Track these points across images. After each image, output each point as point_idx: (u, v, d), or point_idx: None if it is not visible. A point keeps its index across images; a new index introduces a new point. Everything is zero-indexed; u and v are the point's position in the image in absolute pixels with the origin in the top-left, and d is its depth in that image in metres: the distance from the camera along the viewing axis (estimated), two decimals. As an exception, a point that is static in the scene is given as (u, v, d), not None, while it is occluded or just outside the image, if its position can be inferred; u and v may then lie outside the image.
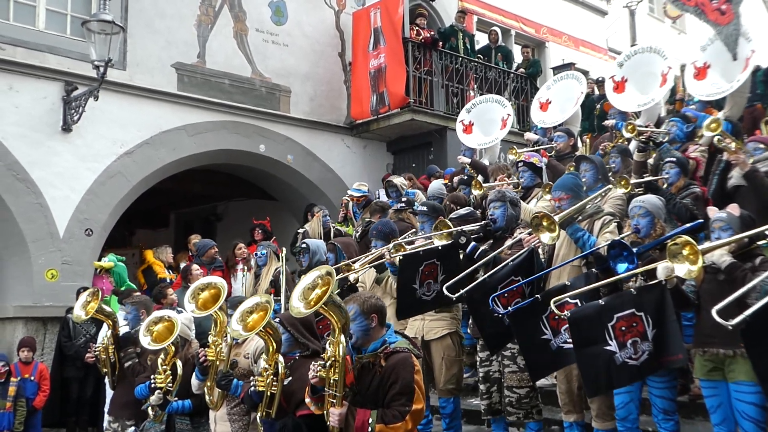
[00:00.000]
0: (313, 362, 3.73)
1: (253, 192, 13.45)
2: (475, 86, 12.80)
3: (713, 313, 3.49)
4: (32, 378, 8.15)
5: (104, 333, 6.53)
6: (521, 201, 5.87)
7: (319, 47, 12.27)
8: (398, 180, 9.21)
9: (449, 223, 5.25)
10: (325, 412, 3.70)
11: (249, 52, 11.37)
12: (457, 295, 4.81)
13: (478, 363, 5.66)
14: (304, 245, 7.57)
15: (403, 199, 8.23)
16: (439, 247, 5.19)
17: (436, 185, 8.85)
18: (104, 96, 9.25)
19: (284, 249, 7.02)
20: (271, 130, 11.49)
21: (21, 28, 9.26)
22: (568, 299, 4.17)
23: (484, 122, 9.67)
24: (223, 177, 12.76)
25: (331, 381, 3.63)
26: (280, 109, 11.65)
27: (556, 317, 4.25)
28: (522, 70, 13.68)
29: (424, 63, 12.12)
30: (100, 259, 9.44)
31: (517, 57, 14.46)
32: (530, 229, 4.80)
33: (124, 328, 6.25)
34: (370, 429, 3.54)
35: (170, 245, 10.59)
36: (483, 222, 5.44)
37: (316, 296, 3.70)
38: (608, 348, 3.89)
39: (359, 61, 12.27)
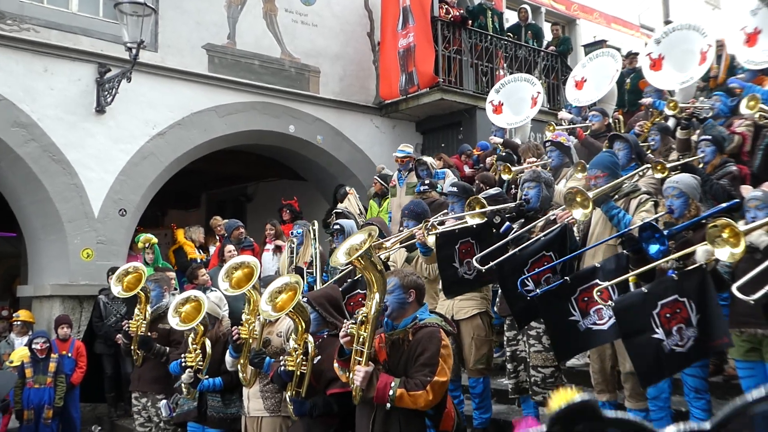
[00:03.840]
0: (345, 321, 3.79)
1: (282, 172, 13.52)
2: (505, 65, 12.66)
3: (733, 289, 3.45)
4: (69, 354, 8.33)
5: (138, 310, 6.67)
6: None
7: (348, 27, 12.24)
8: (428, 159, 9.19)
9: (483, 202, 5.22)
10: (350, 374, 3.74)
11: (278, 33, 11.38)
12: (486, 267, 4.81)
13: (505, 342, 5.67)
14: (337, 226, 7.61)
15: (426, 181, 8.20)
16: (474, 226, 5.18)
17: (449, 180, 8.61)
18: (137, 77, 9.33)
19: (316, 222, 7.08)
20: (301, 111, 11.52)
21: (55, 10, 9.36)
22: (599, 283, 4.14)
23: (513, 101, 9.58)
24: (253, 158, 12.84)
25: (361, 338, 3.68)
26: (310, 90, 11.66)
27: (585, 299, 4.22)
28: (552, 48, 13.50)
29: (454, 42, 12.02)
30: (133, 240, 9.61)
31: (548, 35, 14.26)
32: (564, 206, 4.76)
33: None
34: (391, 392, 3.59)
35: (201, 226, 10.73)
36: (516, 202, 5.41)
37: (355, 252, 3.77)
38: (656, 336, 3.83)
39: (388, 40, 12.21)
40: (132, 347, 6.26)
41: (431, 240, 5.38)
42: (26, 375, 7.87)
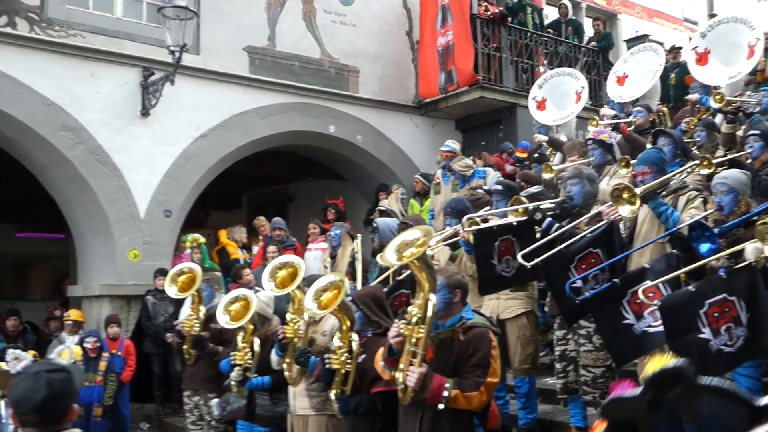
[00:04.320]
0: (395, 321, 3.79)
1: (323, 173, 13.59)
2: (545, 61, 12.55)
3: None
4: (119, 353, 8.51)
5: (188, 310, 6.77)
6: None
7: (387, 26, 12.26)
8: (464, 161, 9.13)
9: (524, 200, 5.19)
10: (397, 374, 3.73)
11: (317, 34, 11.46)
12: (532, 263, 4.77)
13: (554, 341, 5.61)
14: (375, 224, 7.64)
15: (472, 185, 8.21)
16: (514, 223, 5.15)
17: (493, 178, 8.55)
18: (180, 80, 9.49)
19: (359, 235, 7.09)
20: (341, 111, 11.57)
21: (100, 16, 9.57)
22: (650, 284, 4.07)
23: (557, 97, 9.45)
24: (294, 158, 12.93)
25: (414, 339, 3.67)
26: (349, 90, 11.71)
27: (638, 301, 4.15)
28: (593, 43, 13.34)
29: (493, 39, 11.96)
30: (178, 240, 9.77)
31: (588, 30, 14.10)
32: (610, 202, 4.70)
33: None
34: (446, 393, 3.59)
35: (244, 226, 10.85)
36: (559, 199, 5.37)
37: (411, 254, 3.73)
38: (702, 336, 3.75)
39: (427, 39, 12.20)
40: (185, 347, 6.35)
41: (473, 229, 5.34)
42: (77, 373, 8.05)
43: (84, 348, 8.19)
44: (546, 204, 5.29)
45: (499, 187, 5.97)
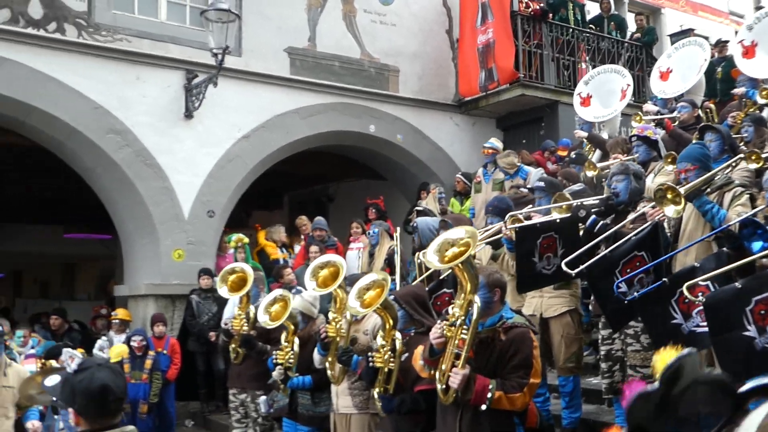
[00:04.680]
0: (438, 322, 3.79)
1: (363, 172, 13.63)
2: (588, 58, 12.40)
3: None
4: (165, 351, 8.65)
5: (232, 310, 6.85)
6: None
7: (427, 25, 12.24)
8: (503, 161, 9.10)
9: (568, 196, 5.14)
10: (437, 374, 3.73)
11: (358, 34, 11.49)
12: (576, 270, 4.72)
13: (599, 341, 5.54)
14: (415, 224, 7.64)
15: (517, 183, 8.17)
16: (558, 220, 5.10)
17: (536, 174, 8.48)
18: (222, 83, 9.59)
19: (398, 229, 7.11)
20: (381, 110, 11.59)
21: (145, 20, 9.74)
22: (698, 282, 3.99)
23: (602, 94, 9.32)
24: (334, 158, 12.99)
25: (457, 341, 3.67)
26: (389, 89, 11.72)
27: (686, 300, 4.07)
28: (637, 37, 13.13)
29: (534, 36, 11.85)
30: (221, 240, 9.90)
31: (631, 25, 13.89)
32: (654, 202, 4.62)
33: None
34: (489, 395, 3.58)
35: (283, 225, 10.94)
36: (605, 196, 5.30)
37: (453, 254, 3.73)
38: (747, 333, 3.67)
39: (467, 37, 12.14)
40: (232, 346, 6.42)
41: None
42: (124, 370, 8.21)
43: (130, 346, 8.35)
44: (590, 201, 5.23)
45: (542, 183, 5.92)
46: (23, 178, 13.04)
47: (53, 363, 7.24)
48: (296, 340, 5.71)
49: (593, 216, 5.09)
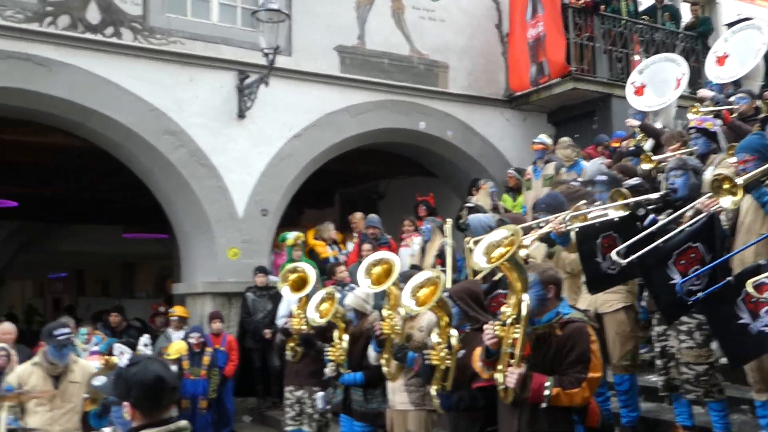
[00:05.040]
0: (489, 323, 3.78)
1: (413, 169, 13.63)
2: (641, 50, 12.16)
3: None
4: (222, 348, 8.82)
5: (286, 307, 6.93)
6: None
7: (476, 20, 12.17)
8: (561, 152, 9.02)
9: (626, 193, 5.05)
10: (496, 375, 3.73)
11: (406, 30, 11.50)
12: (627, 260, 4.63)
13: (654, 337, 5.46)
14: (467, 222, 7.60)
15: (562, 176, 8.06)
16: (616, 219, 5.01)
17: (595, 165, 8.41)
18: (273, 82, 9.71)
19: (449, 221, 7.08)
20: (430, 107, 11.57)
21: (198, 22, 9.93)
22: (764, 280, 3.87)
23: (657, 83, 9.12)
24: (385, 156, 13.02)
25: (510, 340, 3.66)
26: (438, 86, 11.70)
27: (754, 299, 3.96)
28: (692, 27, 12.81)
29: (585, 28, 11.68)
30: (276, 239, 10.03)
31: (686, 15, 13.55)
32: (710, 194, 4.51)
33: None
34: (546, 392, 3.56)
35: (333, 223, 11.01)
36: (662, 192, 5.19)
37: (499, 254, 3.73)
38: None
39: (517, 31, 12.04)
40: (290, 344, 6.49)
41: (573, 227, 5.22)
42: (183, 367, 8.40)
43: (189, 343, 8.53)
44: (649, 197, 5.12)
45: (604, 177, 5.82)
46: (84, 180, 13.41)
47: (116, 359, 7.44)
48: (344, 337, 5.76)
49: (651, 215, 4.98)
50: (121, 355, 7.30)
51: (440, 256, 8.03)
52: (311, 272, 6.46)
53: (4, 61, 8.56)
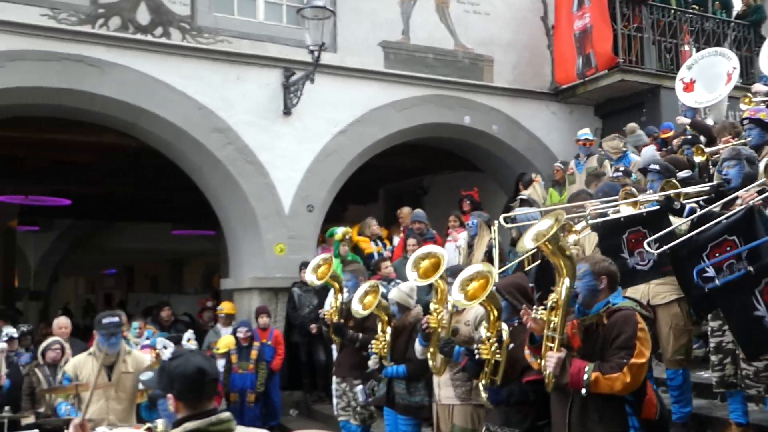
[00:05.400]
0: (534, 308, 3.78)
1: (458, 164, 13.58)
2: (691, 40, 11.91)
3: None
4: (269, 342, 8.93)
5: (330, 300, 7.01)
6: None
7: (521, 13, 12.06)
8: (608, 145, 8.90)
9: (676, 183, 4.95)
10: (542, 361, 3.73)
11: (451, 24, 11.45)
12: (659, 250, 4.53)
13: (709, 333, 5.34)
14: (514, 216, 7.54)
15: (621, 168, 7.91)
16: (644, 214, 4.91)
17: (649, 153, 8.34)
18: (319, 79, 9.77)
19: (498, 221, 7.02)
20: (475, 101, 11.51)
21: (244, 21, 10.06)
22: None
23: (707, 78, 8.88)
24: (429, 151, 13.00)
25: (552, 324, 3.66)
26: (483, 80, 11.63)
27: None
28: (744, 15, 12.48)
29: (633, 19, 11.48)
30: (323, 234, 10.10)
31: (737, 4, 13.21)
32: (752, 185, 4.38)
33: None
34: (585, 377, 3.53)
35: (377, 219, 11.02)
36: (715, 183, 5.08)
37: (543, 236, 3.75)
38: None
39: (563, 23, 11.89)
40: (330, 334, 6.60)
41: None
42: (232, 361, 8.53)
43: (237, 338, 8.66)
44: (699, 188, 5.03)
45: (657, 167, 5.72)
46: (134, 178, 13.70)
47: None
48: (388, 330, 5.78)
49: (689, 206, 4.85)
50: (164, 349, 7.42)
51: (488, 253, 8.00)
52: (333, 261, 6.56)
53: (59, 63, 8.79)
